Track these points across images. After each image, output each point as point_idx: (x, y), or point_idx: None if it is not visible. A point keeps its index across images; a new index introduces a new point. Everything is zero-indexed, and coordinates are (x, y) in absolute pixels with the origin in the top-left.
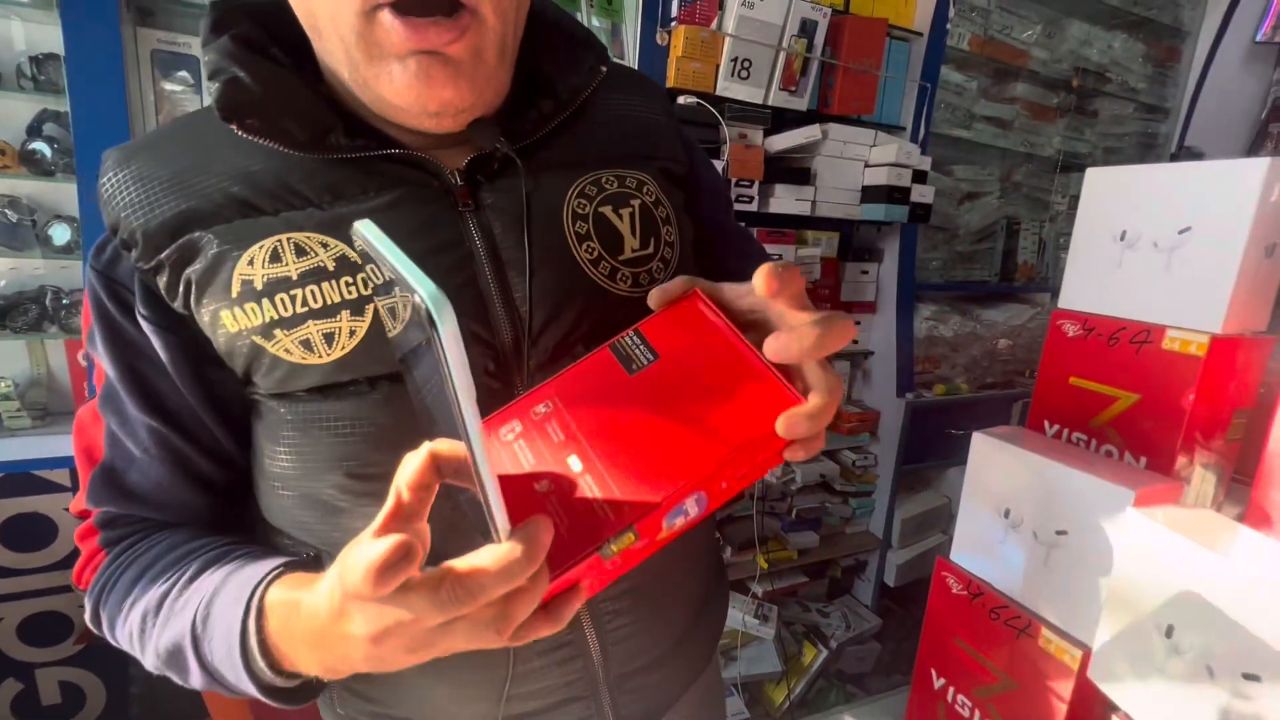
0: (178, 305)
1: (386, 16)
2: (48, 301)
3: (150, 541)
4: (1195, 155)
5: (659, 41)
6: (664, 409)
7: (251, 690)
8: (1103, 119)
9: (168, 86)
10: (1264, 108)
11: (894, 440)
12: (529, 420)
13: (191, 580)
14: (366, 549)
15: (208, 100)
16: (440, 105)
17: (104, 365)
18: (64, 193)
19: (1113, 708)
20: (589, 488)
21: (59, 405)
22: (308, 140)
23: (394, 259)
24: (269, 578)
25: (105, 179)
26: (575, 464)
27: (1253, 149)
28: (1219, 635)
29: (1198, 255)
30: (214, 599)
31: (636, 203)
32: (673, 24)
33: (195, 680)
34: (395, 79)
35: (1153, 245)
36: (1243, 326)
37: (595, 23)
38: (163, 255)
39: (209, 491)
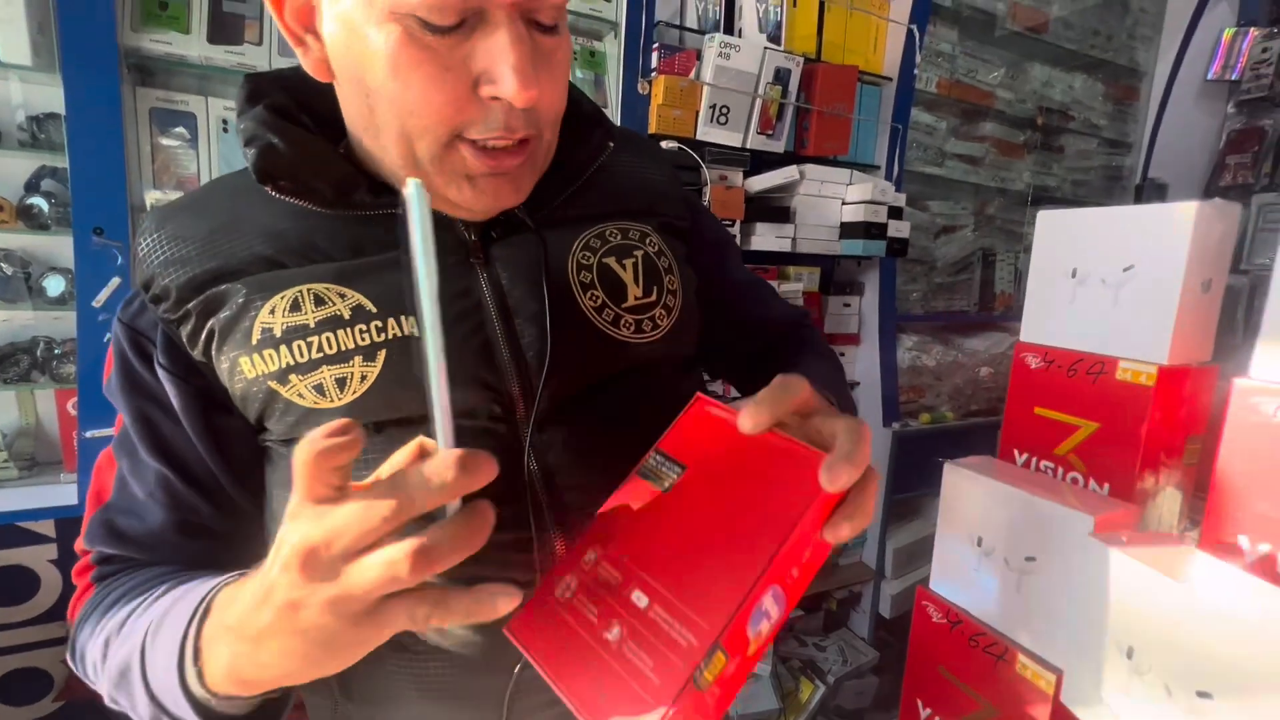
0: (198, 353)
1: (467, 147)
2: (39, 352)
3: (133, 574)
4: (1159, 187)
5: (640, 91)
6: (709, 517)
7: (190, 717)
8: (1069, 154)
9: (165, 141)
10: (1220, 141)
11: (883, 470)
12: (581, 572)
13: (157, 600)
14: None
15: (205, 155)
16: (499, 209)
17: (121, 411)
18: (58, 245)
19: None
20: (662, 621)
21: (46, 455)
22: (334, 199)
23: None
24: (227, 580)
25: (143, 240)
26: (641, 600)
27: (1212, 180)
28: (1175, 656)
29: (1142, 291)
30: (169, 612)
31: (639, 253)
32: (653, 74)
33: (142, 709)
34: (465, 192)
35: (1101, 282)
36: (1188, 357)
37: (579, 74)
38: (189, 305)
39: (206, 540)
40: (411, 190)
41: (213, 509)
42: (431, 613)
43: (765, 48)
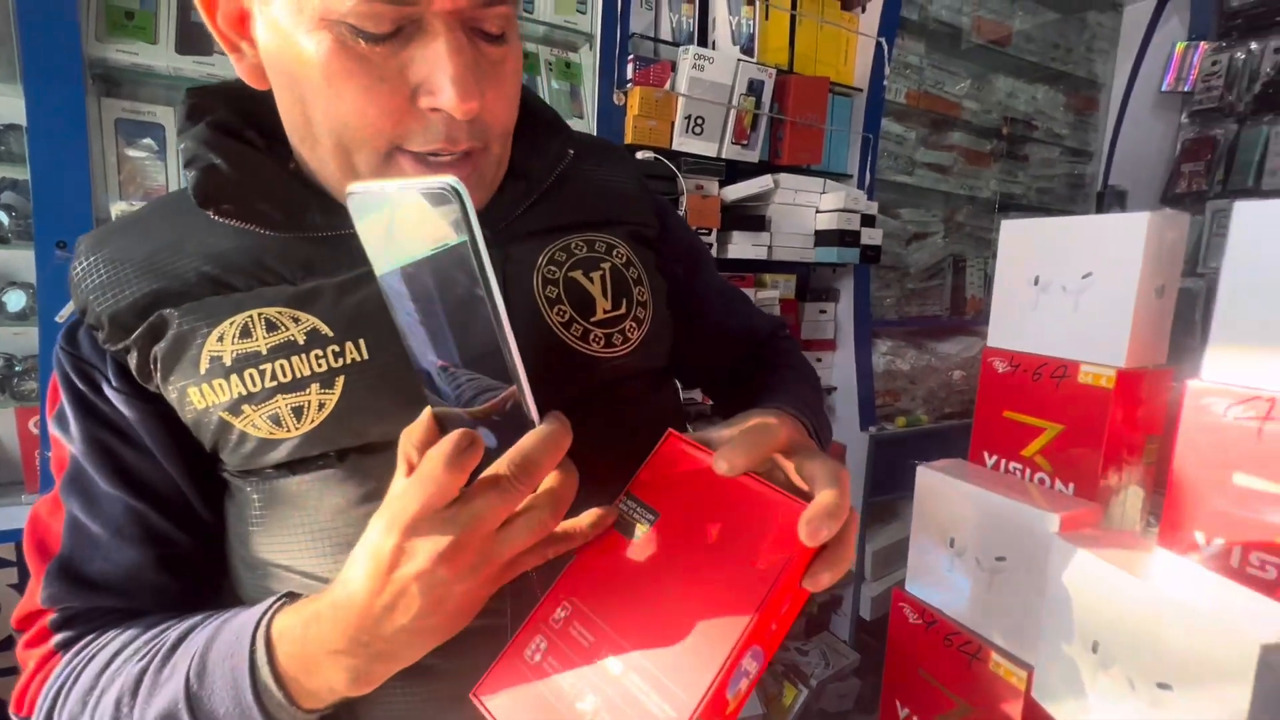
0: (152, 386)
1: (406, 159)
2: None
3: (117, 630)
4: (1119, 194)
5: (616, 102)
6: (684, 571)
7: None
8: (1033, 162)
9: (131, 153)
10: (1176, 149)
11: (860, 473)
12: (551, 631)
13: (175, 647)
14: (432, 450)
15: (173, 166)
16: None
17: (71, 446)
18: (20, 259)
19: None
20: (637, 690)
21: (6, 475)
22: (283, 221)
23: (395, 185)
24: (272, 611)
25: (77, 264)
26: (615, 666)
27: (1168, 187)
28: (1136, 649)
29: (1100, 297)
30: (208, 652)
31: (606, 265)
32: (629, 85)
33: None
34: None
35: (1062, 289)
36: (1144, 360)
37: (555, 85)
38: (130, 339)
39: (183, 572)
40: (452, 187)
41: (190, 539)
42: (556, 549)
43: (739, 59)
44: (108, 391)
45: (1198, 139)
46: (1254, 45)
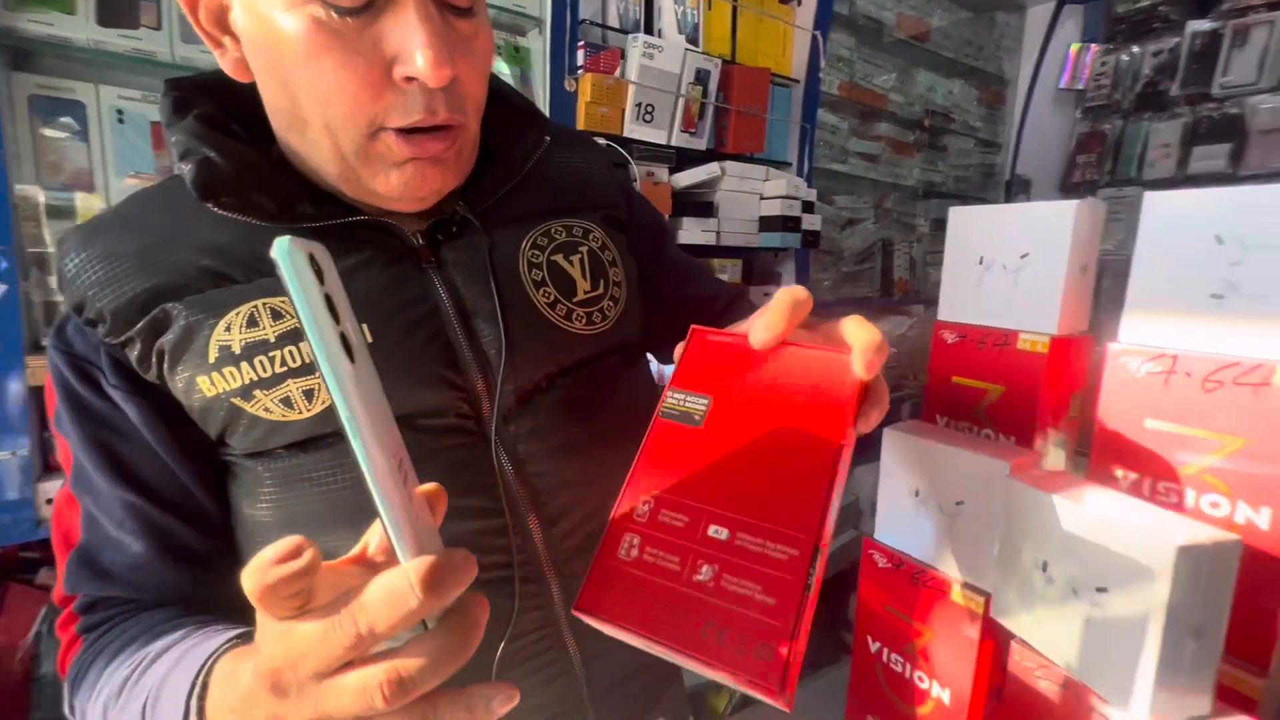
0: (151, 376)
1: (390, 136)
2: None
3: (124, 627)
4: (1024, 183)
5: (568, 88)
6: (754, 435)
7: None
8: (951, 153)
9: (49, 133)
10: (1071, 143)
11: None
12: (639, 526)
13: (153, 663)
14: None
15: (97, 148)
16: (429, 197)
17: (72, 445)
18: None
19: (1010, 635)
20: (752, 546)
21: None
22: (277, 212)
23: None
24: (220, 650)
25: (68, 260)
26: (721, 533)
27: (1066, 177)
28: (1079, 563)
29: (1035, 274)
30: (165, 680)
31: (584, 249)
32: (579, 72)
33: None
34: (392, 180)
35: (1003, 267)
36: (1071, 328)
37: (505, 69)
38: (133, 330)
39: (191, 565)
40: (280, 251)
41: (191, 530)
42: None
43: (686, 49)
44: (106, 388)
45: (1090, 133)
46: (1136, 49)
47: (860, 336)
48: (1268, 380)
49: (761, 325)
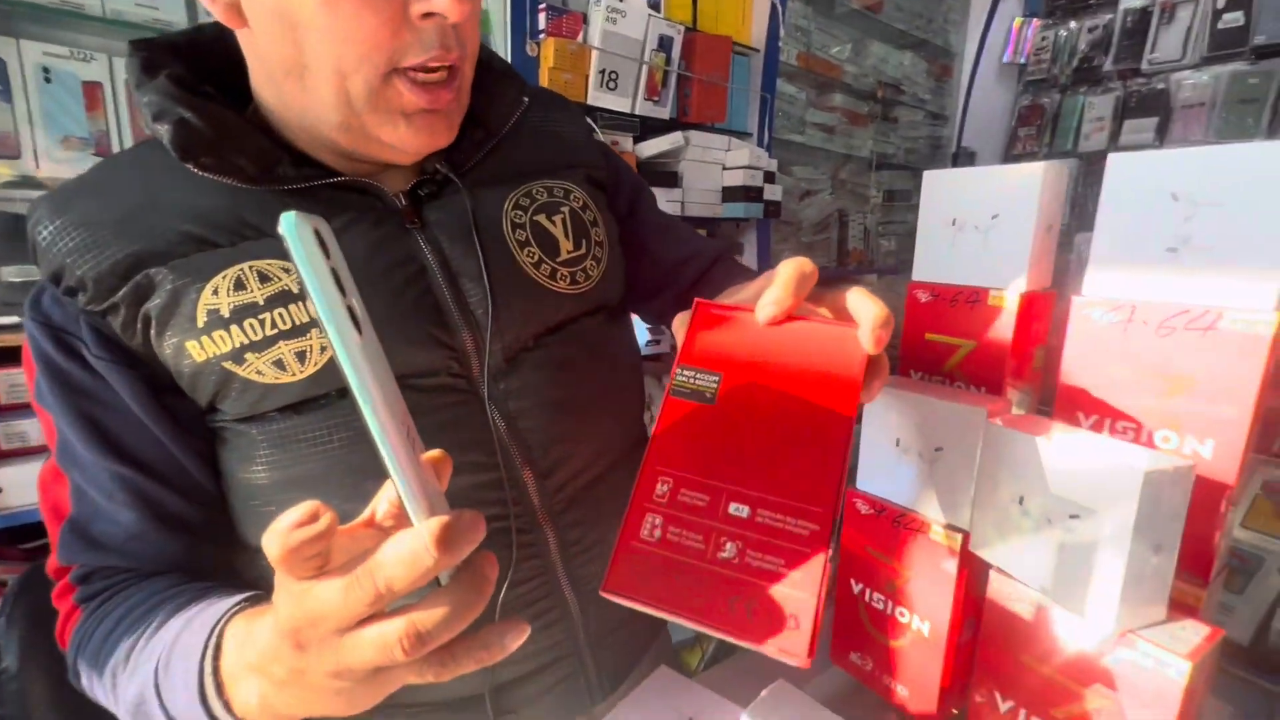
0: (135, 343)
1: (403, 81)
2: None
3: (125, 595)
4: (970, 155)
5: (529, 53)
6: (764, 409)
7: None
8: (902, 124)
9: None
10: (1013, 116)
11: None
12: (660, 506)
13: (159, 628)
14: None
15: (21, 109)
16: (433, 148)
17: (55, 418)
18: None
19: (988, 566)
20: (774, 522)
21: None
22: (257, 174)
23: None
24: (231, 611)
25: (41, 228)
26: (741, 510)
27: (1008, 149)
28: (1053, 495)
29: (1004, 235)
30: (175, 643)
31: (566, 209)
32: (541, 36)
33: None
34: (400, 130)
35: (974, 228)
36: (1037, 285)
37: None
38: (116, 297)
39: (184, 533)
40: (287, 226)
41: (181, 499)
42: (441, 670)
43: (649, 15)
44: (88, 358)
45: (1030, 106)
46: (1073, 24)
47: (869, 311)
48: (1214, 325)
49: (769, 300)
